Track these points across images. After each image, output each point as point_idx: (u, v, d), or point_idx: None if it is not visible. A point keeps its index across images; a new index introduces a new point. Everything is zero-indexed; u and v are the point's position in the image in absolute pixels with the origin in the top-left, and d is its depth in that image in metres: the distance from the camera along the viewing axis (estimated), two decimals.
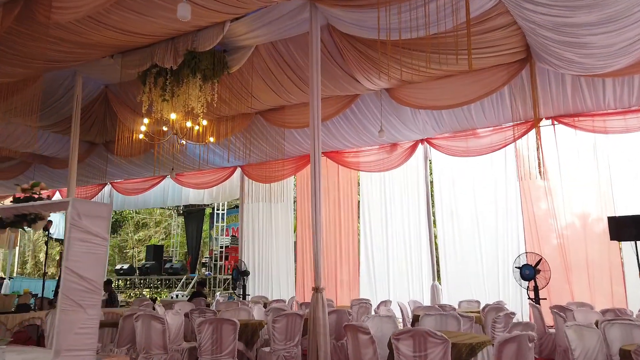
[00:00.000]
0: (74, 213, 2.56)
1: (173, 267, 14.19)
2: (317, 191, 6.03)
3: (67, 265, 2.54)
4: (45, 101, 8.56)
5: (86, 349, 2.55)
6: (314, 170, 6.07)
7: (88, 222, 2.60)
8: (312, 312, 5.62)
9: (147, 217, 23.86)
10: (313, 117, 6.14)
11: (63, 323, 2.51)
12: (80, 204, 2.61)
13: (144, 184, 12.93)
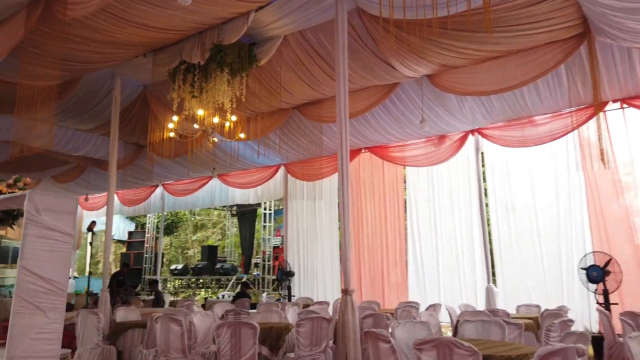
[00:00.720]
0: (31, 207, 2.34)
1: (224, 267, 14.24)
2: (345, 189, 5.64)
3: (22, 265, 2.32)
4: (87, 104, 8.75)
5: (46, 356, 2.32)
6: (341, 166, 5.70)
7: (50, 217, 2.37)
8: (341, 316, 5.21)
9: (205, 219, 24.39)
10: (340, 109, 5.75)
11: (16, 327, 2.28)
12: (39, 197, 2.39)
13: (193, 184, 13.06)
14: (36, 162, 11.61)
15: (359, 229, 10.64)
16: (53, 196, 2.42)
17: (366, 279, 10.36)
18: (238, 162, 11.15)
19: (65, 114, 9.03)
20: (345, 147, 5.72)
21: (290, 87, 7.86)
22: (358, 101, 8.10)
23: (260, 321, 6.18)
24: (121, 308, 6.99)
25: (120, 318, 6.76)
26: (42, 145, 5.85)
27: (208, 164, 10.62)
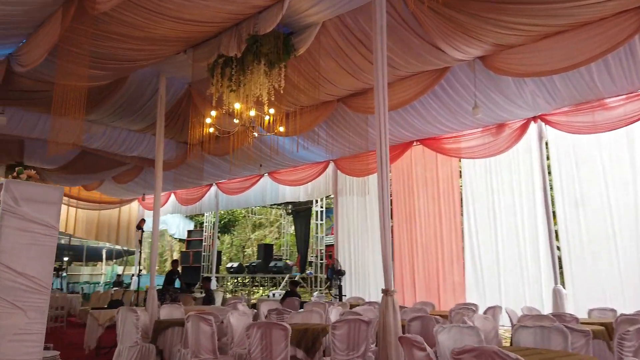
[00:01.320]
0: (9, 197, 2.17)
1: (277, 265, 14.16)
2: (385, 186, 5.28)
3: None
4: (135, 104, 8.88)
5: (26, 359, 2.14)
6: (380, 162, 5.28)
7: (31, 208, 2.19)
8: (382, 318, 4.80)
9: (263, 217, 24.62)
10: (378, 98, 5.34)
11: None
12: (17, 186, 2.22)
13: (244, 183, 13.06)
14: (97, 164, 12.08)
15: (411, 226, 10.11)
16: (34, 186, 2.25)
17: (420, 279, 9.81)
18: (285, 159, 11.00)
19: (115, 115, 9.24)
20: (384, 140, 5.31)
21: (332, 78, 7.52)
22: (405, 89, 7.62)
23: (299, 322, 5.91)
24: (165, 306, 6.97)
25: (163, 316, 6.73)
26: (75, 141, 5.89)
27: (255, 161, 10.51)
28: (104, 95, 8.34)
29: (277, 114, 7.29)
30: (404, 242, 10.21)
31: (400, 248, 10.27)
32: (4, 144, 10.53)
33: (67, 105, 6.25)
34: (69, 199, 15.17)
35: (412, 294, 9.84)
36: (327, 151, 10.51)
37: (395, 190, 10.62)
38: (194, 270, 16.57)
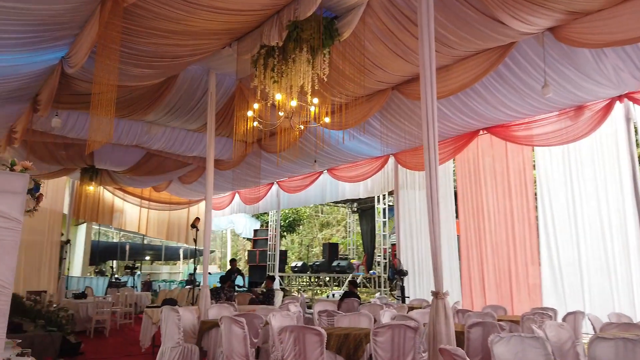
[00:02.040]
0: None
1: (340, 265, 13.78)
2: (433, 175, 4.67)
3: None
4: (188, 103, 8.90)
5: None
6: (427, 147, 4.74)
7: None
8: (431, 324, 4.25)
9: (330, 216, 24.38)
10: (425, 81, 4.82)
11: None
12: None
13: (304, 180, 12.83)
14: (162, 165, 12.39)
15: (479, 222, 9.30)
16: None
17: (490, 280, 8.98)
18: (343, 154, 10.60)
19: (171, 115, 9.32)
20: (433, 130, 4.76)
21: (382, 63, 7.00)
22: (464, 71, 6.93)
23: (346, 325, 5.48)
24: (214, 305, 6.83)
25: (212, 316, 6.60)
26: (104, 139, 5.89)
27: (310, 157, 10.21)
28: (157, 96, 8.41)
29: (324, 104, 6.91)
30: (472, 240, 9.42)
31: (468, 247, 9.48)
32: (76, 148, 11.03)
33: (106, 104, 6.23)
34: (141, 200, 15.81)
35: (481, 297, 9.04)
36: (386, 144, 9.96)
37: (460, 184, 9.85)
38: (260, 269, 16.65)
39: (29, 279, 13.59)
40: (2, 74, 6.50)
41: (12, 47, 5.81)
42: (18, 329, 7.06)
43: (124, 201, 15.80)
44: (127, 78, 7.24)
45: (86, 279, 15.89)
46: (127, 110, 8.84)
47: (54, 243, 14.21)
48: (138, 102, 8.47)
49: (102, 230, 21.65)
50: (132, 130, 9.86)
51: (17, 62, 6.31)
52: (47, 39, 5.88)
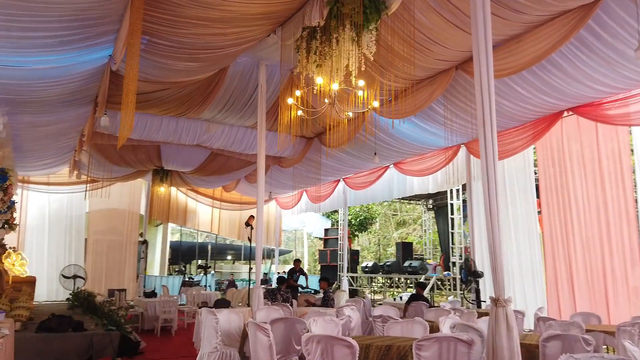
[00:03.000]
0: None
1: (412, 265, 12.94)
2: (491, 164, 3.92)
3: None
4: (240, 98, 8.66)
5: None
6: (483, 130, 4.02)
7: None
8: (490, 337, 3.50)
9: (407, 215, 23.40)
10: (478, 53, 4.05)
11: None
12: None
13: (370, 176, 12.18)
14: (226, 164, 12.39)
15: (566, 217, 8.11)
16: None
17: (581, 283, 7.78)
18: (407, 146, 9.84)
19: (225, 112, 9.17)
20: (489, 114, 4.00)
21: (440, 38, 6.23)
22: (538, 40, 5.96)
23: (398, 334, 4.82)
24: (263, 307, 6.46)
25: (260, 318, 6.21)
26: (125, 135, 5.70)
27: (371, 150, 9.57)
28: (209, 91, 8.26)
29: (372, 86, 6.27)
30: (557, 237, 8.24)
31: (553, 244, 8.31)
32: (144, 149, 11.32)
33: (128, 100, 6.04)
34: (212, 200, 16.06)
35: (569, 302, 7.86)
36: (454, 133, 9.05)
37: (543, 174, 8.68)
38: (331, 269, 16.23)
39: (110, 278, 14.27)
40: (54, 76, 6.60)
41: (56, 47, 5.83)
42: (79, 327, 7.17)
43: (197, 202, 16.13)
44: (173, 73, 7.12)
45: (163, 277, 16.44)
46: (182, 108, 8.80)
47: (132, 243, 14.83)
48: (191, 98, 8.38)
49: (187, 231, 22.49)
50: (192, 130, 9.85)
51: (66, 63, 6.36)
52: (89, 36, 5.83)
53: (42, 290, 13.19)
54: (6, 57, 5.94)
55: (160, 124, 9.51)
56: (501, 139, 8.53)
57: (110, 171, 12.84)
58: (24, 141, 9.54)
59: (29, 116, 8.15)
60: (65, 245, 13.82)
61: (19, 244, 13.09)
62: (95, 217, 14.46)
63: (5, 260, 8.29)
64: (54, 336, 6.79)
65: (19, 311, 7.04)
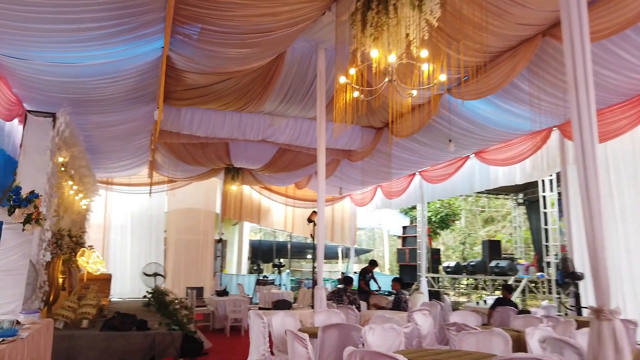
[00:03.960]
0: None
1: (499, 265, 11.68)
2: (588, 147, 3.11)
3: None
4: (301, 87, 8.17)
5: None
6: (577, 107, 3.21)
7: None
8: (591, 357, 2.62)
9: (494, 210, 21.70)
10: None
11: None
12: None
13: (448, 168, 11.16)
14: (295, 160, 12.01)
15: None
16: None
17: None
18: (489, 132, 8.76)
19: (287, 103, 8.73)
20: (585, 87, 3.15)
21: None
22: None
23: (472, 348, 4.01)
24: (322, 311, 5.89)
25: (318, 323, 5.65)
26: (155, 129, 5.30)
27: (445, 138, 8.65)
28: (267, 81, 7.86)
29: (438, 59, 5.44)
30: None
31: None
32: (212, 147, 11.26)
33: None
34: (286, 198, 15.82)
35: None
36: (544, 113, 7.87)
37: None
38: (410, 269, 15.30)
39: (189, 276, 14.52)
40: (109, 72, 6.52)
41: (104, 40, 5.68)
42: (143, 326, 7.07)
43: (270, 200, 15.99)
44: (226, 62, 6.77)
45: (239, 276, 16.51)
46: (242, 101, 8.49)
47: (209, 242, 15.00)
48: (250, 90, 8.03)
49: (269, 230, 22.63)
50: (256, 124, 9.54)
51: (118, 57, 6.23)
52: (135, 26, 5.61)
53: (126, 287, 13.72)
54: (59, 53, 5.92)
55: (224, 119, 9.31)
56: (602, 117, 7.25)
57: (185, 171, 13.04)
58: (98, 142, 9.79)
59: (96, 116, 8.26)
60: (147, 244, 14.27)
61: (104, 243, 13.71)
62: (174, 216, 14.81)
63: (79, 258, 8.52)
64: (117, 335, 6.73)
65: (86, 309, 7.08)
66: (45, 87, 6.79)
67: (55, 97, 7.02)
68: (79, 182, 9.62)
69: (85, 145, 9.61)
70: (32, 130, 6.60)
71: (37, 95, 7.13)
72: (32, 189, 6.55)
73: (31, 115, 6.63)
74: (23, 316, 3.78)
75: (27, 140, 6.57)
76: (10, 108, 6.98)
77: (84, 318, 7.02)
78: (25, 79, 6.52)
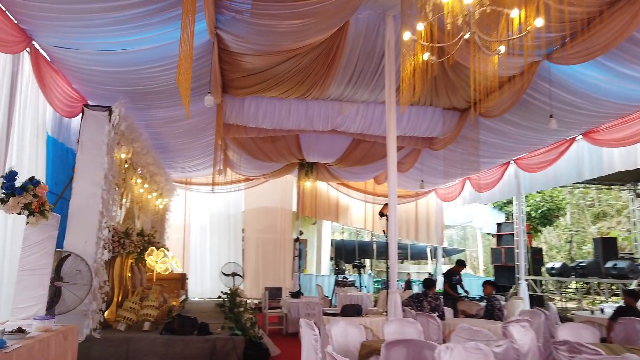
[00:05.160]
0: None
1: (616, 267, 9.83)
2: None
3: None
4: (369, 65, 7.27)
5: None
6: None
7: None
8: None
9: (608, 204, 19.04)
10: None
11: None
12: None
13: (550, 153, 9.57)
14: (372, 151, 11.12)
15: None
16: None
17: None
18: (600, 105, 7.21)
19: (354, 85, 7.86)
20: None
21: None
22: None
23: None
24: (393, 320, 4.95)
25: (389, 334, 4.73)
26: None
27: (543, 116, 7.26)
28: (330, 60, 7.05)
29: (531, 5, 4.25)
30: None
31: None
32: (282, 140, 10.72)
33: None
34: (365, 194, 14.92)
35: None
36: None
37: None
38: (507, 271, 13.68)
39: (267, 276, 14.17)
40: (160, 58, 6.11)
41: (144, 20, 5.26)
42: (204, 330, 6.61)
43: (348, 197, 15.18)
44: (280, 37, 6.07)
45: (318, 277, 15.88)
46: (305, 85, 7.77)
47: (287, 241, 14.54)
48: (312, 72, 7.27)
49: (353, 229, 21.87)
50: (323, 112, 8.81)
51: (166, 40, 5.79)
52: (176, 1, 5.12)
53: (206, 287, 13.67)
54: (104, 38, 5.61)
55: (289, 108, 8.67)
56: None
57: (259, 168, 12.67)
58: (168, 139, 9.63)
59: (159, 111, 8.01)
60: (225, 243, 14.14)
61: (184, 243, 13.78)
62: (251, 215, 14.55)
63: (147, 257, 8.33)
64: (176, 339, 6.33)
65: (147, 310, 6.77)
66: (99, 79, 6.58)
67: (112, 90, 6.80)
68: (149, 180, 9.52)
69: (156, 143, 9.50)
70: (88, 124, 6.37)
71: (95, 90, 6.97)
72: (89, 185, 6.39)
73: (88, 110, 6.40)
74: (35, 322, 3.31)
75: (84, 135, 6.35)
76: (73, 105, 6.89)
77: (145, 320, 6.71)
78: (79, 71, 6.33)
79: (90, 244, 6.05)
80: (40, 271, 3.69)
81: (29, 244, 3.71)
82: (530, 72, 6.82)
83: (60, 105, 6.54)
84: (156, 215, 11.54)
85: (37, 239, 3.72)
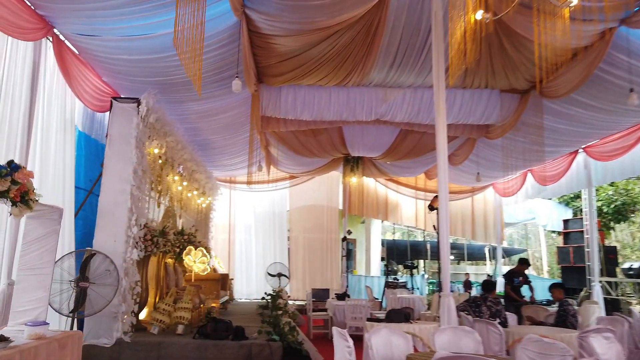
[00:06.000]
0: None
1: None
2: None
3: None
4: (414, 43, 6.55)
5: None
6: None
7: None
8: None
9: None
10: None
11: None
12: None
13: (625, 139, 8.42)
14: (421, 142, 10.34)
15: None
16: None
17: None
18: None
19: (398, 68, 7.16)
20: None
21: None
22: None
23: None
24: (446, 329, 4.24)
25: (440, 345, 4.04)
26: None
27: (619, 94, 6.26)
28: (370, 39, 6.41)
29: None
30: None
31: None
32: (324, 133, 10.15)
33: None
34: (416, 191, 14.07)
35: None
36: None
37: None
38: (576, 272, 12.42)
39: (314, 276, 13.66)
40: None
41: None
42: (240, 334, 6.15)
43: (398, 193, 14.37)
44: (312, 12, 5.50)
45: (367, 278, 15.17)
46: (343, 69, 7.15)
47: (334, 240, 13.96)
48: (351, 53, 6.65)
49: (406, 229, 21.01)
50: (366, 100, 8.16)
51: None
52: None
53: (252, 288, 13.35)
54: (129, 22, 5.26)
55: (329, 97, 8.09)
56: None
57: (303, 164, 12.19)
58: (207, 135, 9.32)
59: (193, 104, 7.67)
60: (271, 243, 13.78)
61: (229, 243, 13.52)
62: (297, 214, 14.09)
63: (185, 256, 8.00)
64: (210, 344, 5.90)
65: (181, 313, 6.38)
66: (126, 69, 6.28)
67: (141, 81, 6.50)
68: (188, 177, 9.24)
69: (195, 140, 9.21)
70: (117, 118, 6.08)
71: (124, 82, 6.70)
72: (117, 181, 6.09)
73: (116, 102, 6.11)
74: (27, 328, 2.90)
75: (113, 129, 6.06)
76: (103, 99, 6.65)
77: (178, 323, 6.34)
78: (104, 61, 6.05)
79: (119, 242, 5.74)
80: (40, 270, 3.32)
81: (29, 240, 3.34)
82: (604, 40, 5.87)
83: (89, 99, 6.30)
84: (199, 214, 11.32)
85: (38, 235, 3.34)
